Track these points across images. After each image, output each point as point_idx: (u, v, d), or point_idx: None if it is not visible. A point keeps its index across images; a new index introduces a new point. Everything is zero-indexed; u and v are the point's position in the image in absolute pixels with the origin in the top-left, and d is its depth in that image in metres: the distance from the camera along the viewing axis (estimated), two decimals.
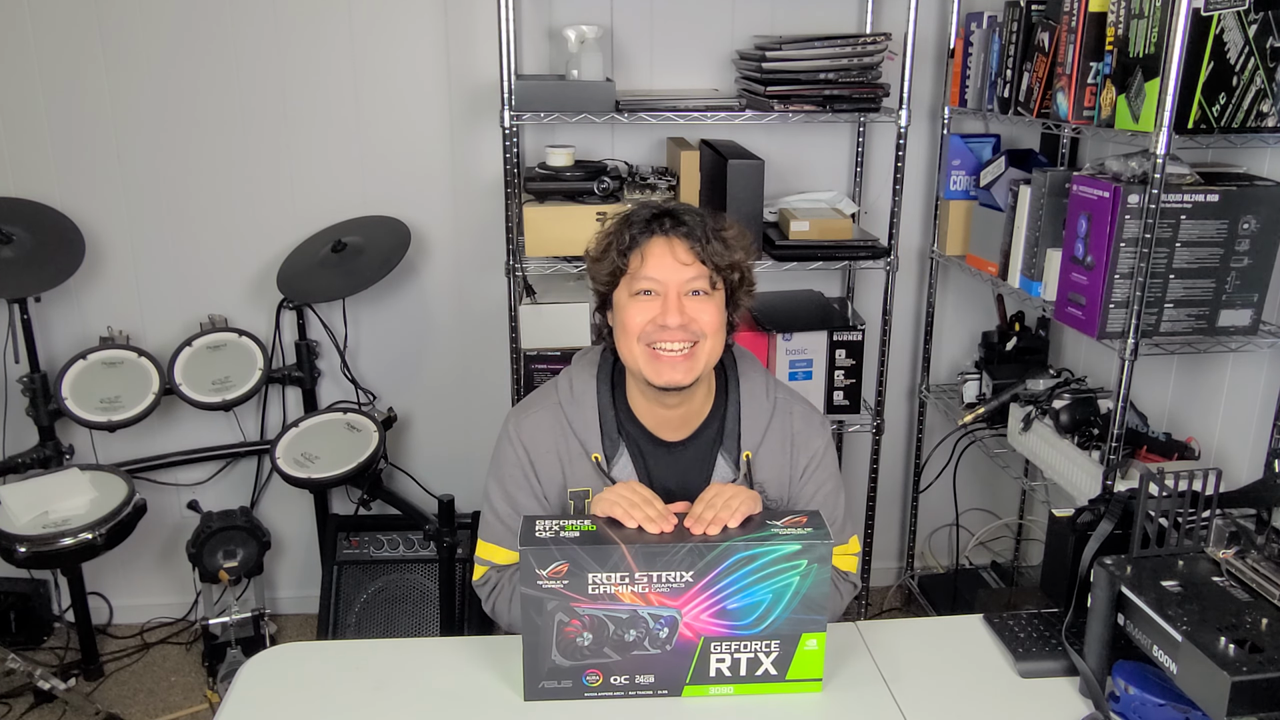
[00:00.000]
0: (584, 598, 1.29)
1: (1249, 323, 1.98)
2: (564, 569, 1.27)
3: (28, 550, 2.22)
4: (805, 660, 1.34)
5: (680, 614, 1.30)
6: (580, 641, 1.31)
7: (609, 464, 1.48)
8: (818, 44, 2.36)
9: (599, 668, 1.33)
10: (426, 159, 2.69)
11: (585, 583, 1.28)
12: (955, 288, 2.90)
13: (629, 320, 1.41)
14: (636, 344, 1.41)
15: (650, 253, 1.41)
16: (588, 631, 1.30)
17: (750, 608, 1.30)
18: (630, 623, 1.30)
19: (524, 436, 1.51)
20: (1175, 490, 1.36)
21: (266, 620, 2.67)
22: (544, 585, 1.28)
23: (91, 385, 2.52)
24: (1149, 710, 1.28)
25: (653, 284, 1.41)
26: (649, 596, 1.29)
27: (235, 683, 1.42)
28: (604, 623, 1.30)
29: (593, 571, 1.28)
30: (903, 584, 3.10)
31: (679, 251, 1.40)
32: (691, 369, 1.41)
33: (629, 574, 1.28)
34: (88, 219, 2.63)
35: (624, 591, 1.29)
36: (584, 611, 1.29)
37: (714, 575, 1.28)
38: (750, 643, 1.32)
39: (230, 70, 2.59)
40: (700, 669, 1.34)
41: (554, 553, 1.27)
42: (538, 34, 2.61)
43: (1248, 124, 1.85)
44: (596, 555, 1.27)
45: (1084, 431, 2.18)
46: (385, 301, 2.78)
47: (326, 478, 2.43)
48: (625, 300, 1.43)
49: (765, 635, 1.32)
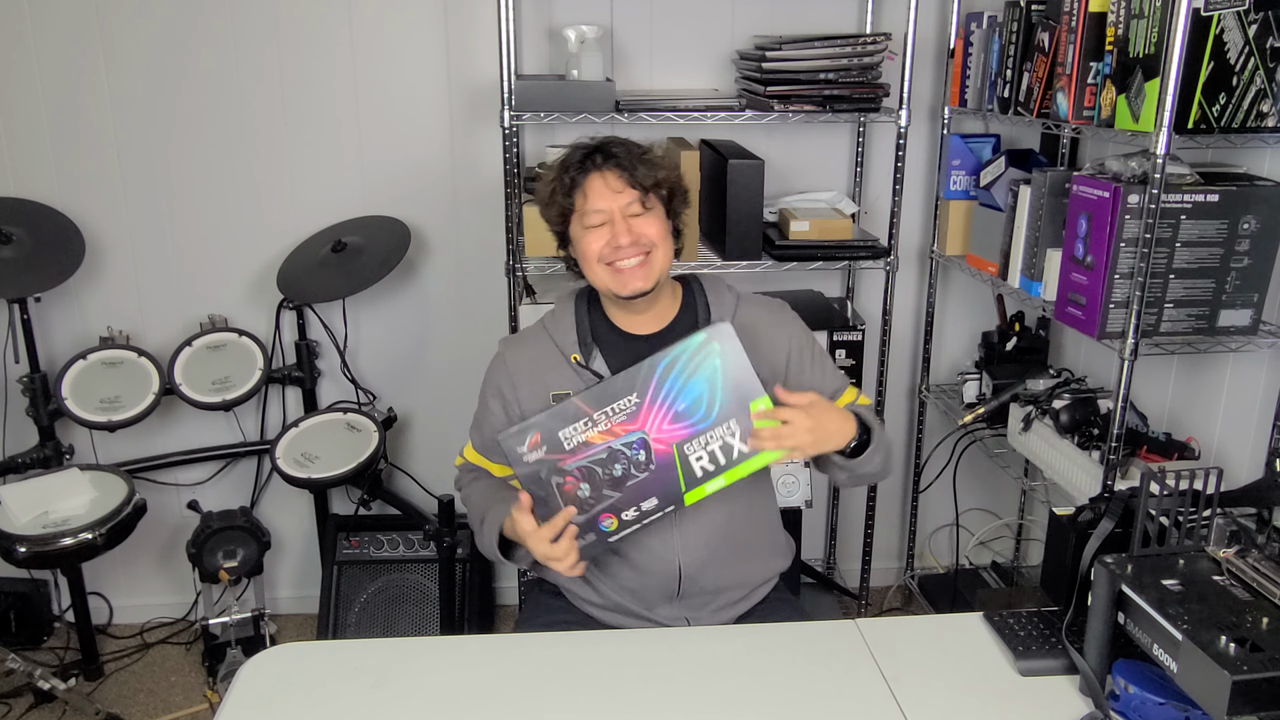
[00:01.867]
0: (564, 454, 1.47)
1: (1249, 323, 1.98)
2: (538, 438, 1.46)
3: (28, 550, 2.22)
4: (762, 422, 1.47)
5: (646, 433, 1.48)
6: (581, 494, 1.48)
7: (587, 360, 1.65)
8: (818, 44, 2.37)
9: (608, 510, 1.50)
10: (426, 159, 2.69)
11: (559, 441, 1.47)
12: (955, 288, 2.90)
13: (587, 250, 1.61)
14: (599, 266, 1.60)
15: (590, 189, 1.60)
16: (583, 483, 1.48)
17: (696, 402, 1.47)
18: (612, 459, 1.48)
19: (507, 353, 1.71)
20: (1176, 489, 1.36)
21: (266, 620, 2.66)
22: (530, 458, 1.47)
23: (91, 385, 2.52)
24: (1149, 709, 1.28)
25: (599, 215, 1.59)
26: (614, 430, 1.47)
27: (235, 683, 1.42)
28: (591, 469, 1.48)
29: (560, 429, 1.46)
30: (903, 584, 3.10)
31: (613, 182, 1.59)
32: (649, 274, 1.60)
33: (588, 418, 1.46)
34: (88, 219, 2.63)
35: (593, 434, 1.47)
36: (571, 467, 1.47)
37: (653, 388, 1.47)
38: (713, 431, 1.48)
39: (230, 70, 2.59)
40: (688, 474, 1.49)
41: (526, 431, 1.46)
42: (538, 34, 2.61)
43: (1248, 124, 1.85)
44: (557, 415, 1.47)
45: (1084, 431, 2.18)
46: (385, 301, 2.79)
47: (326, 478, 2.43)
48: (580, 233, 1.62)
49: (720, 420, 1.48)
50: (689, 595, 1.66)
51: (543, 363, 1.67)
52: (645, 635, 1.54)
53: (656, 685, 1.39)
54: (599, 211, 1.58)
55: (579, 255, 1.64)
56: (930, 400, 2.88)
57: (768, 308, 1.74)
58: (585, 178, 1.60)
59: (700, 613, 1.68)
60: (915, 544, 3.05)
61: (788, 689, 1.38)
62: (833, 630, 1.53)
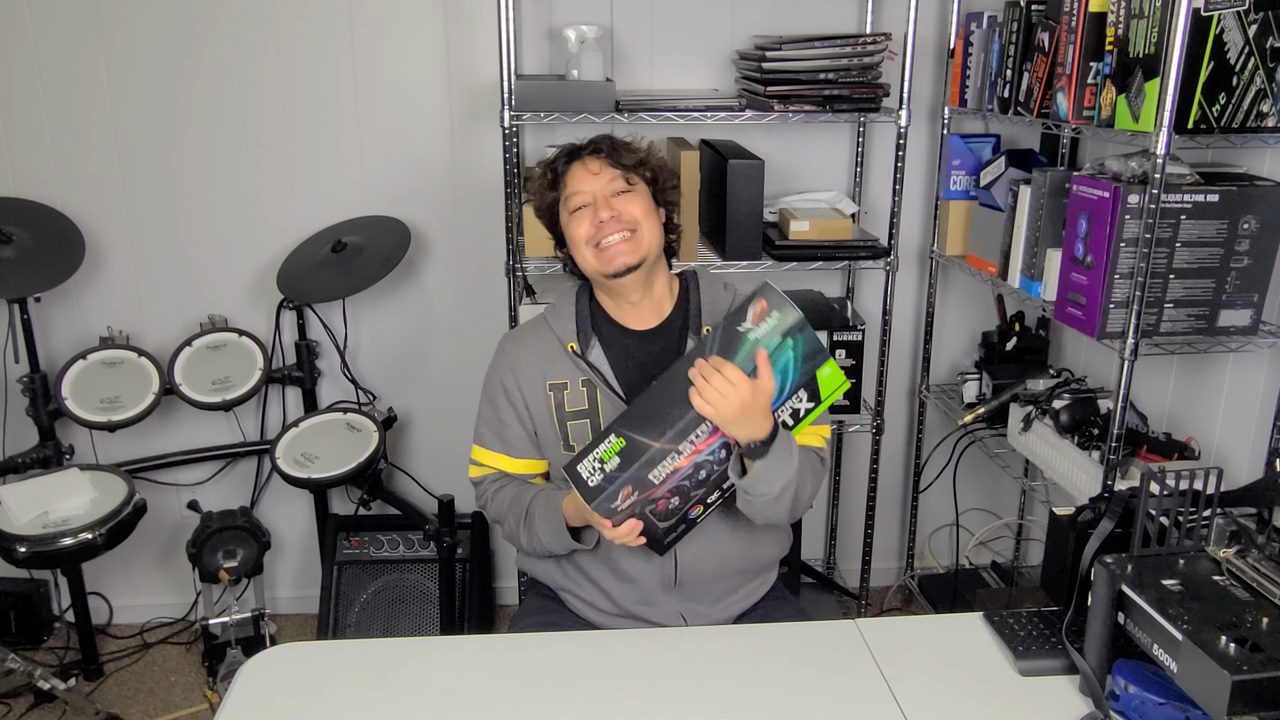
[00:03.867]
0: (655, 487, 1.46)
1: (1249, 323, 1.98)
2: (630, 490, 1.44)
3: (28, 550, 2.22)
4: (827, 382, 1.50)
5: (725, 438, 1.47)
6: (672, 506, 1.49)
7: (584, 351, 1.67)
8: (818, 44, 2.37)
9: (697, 503, 1.52)
10: (426, 159, 2.69)
11: (649, 483, 1.45)
12: (955, 288, 2.90)
13: (574, 232, 1.64)
14: (586, 248, 1.63)
15: (572, 176, 1.66)
16: (674, 498, 1.49)
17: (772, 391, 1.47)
18: (697, 469, 1.48)
19: (508, 346, 1.73)
20: (1176, 489, 1.36)
21: (266, 620, 2.66)
22: (623, 506, 1.45)
23: (91, 385, 2.52)
24: (1149, 709, 1.28)
25: (581, 197, 1.63)
26: (699, 448, 1.46)
27: (235, 683, 1.42)
28: (680, 486, 1.48)
29: (648, 473, 1.44)
30: (903, 584, 3.10)
31: (592, 165, 1.64)
32: (635, 249, 1.61)
33: (674, 454, 1.45)
34: (88, 219, 2.63)
35: (679, 461, 1.46)
36: (662, 494, 1.47)
37: None
38: (785, 405, 1.50)
39: (230, 70, 2.59)
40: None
41: (615, 489, 1.44)
42: (538, 34, 2.61)
43: (1248, 124, 1.85)
44: (645, 465, 1.43)
45: (1084, 431, 2.18)
46: (385, 301, 2.79)
47: (326, 478, 2.43)
48: (568, 220, 1.66)
49: (791, 393, 1.49)
50: (687, 584, 1.66)
51: (541, 352, 1.69)
52: (645, 635, 1.54)
53: (656, 685, 1.39)
54: (580, 194, 1.63)
55: (569, 242, 1.67)
56: (930, 400, 2.88)
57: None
58: (569, 167, 1.67)
59: (698, 605, 1.68)
60: (915, 544, 3.05)
61: (788, 689, 1.38)
62: (833, 630, 1.52)
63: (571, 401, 1.66)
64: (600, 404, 1.65)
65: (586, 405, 1.66)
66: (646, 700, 1.35)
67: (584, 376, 1.66)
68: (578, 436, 1.66)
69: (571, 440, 1.67)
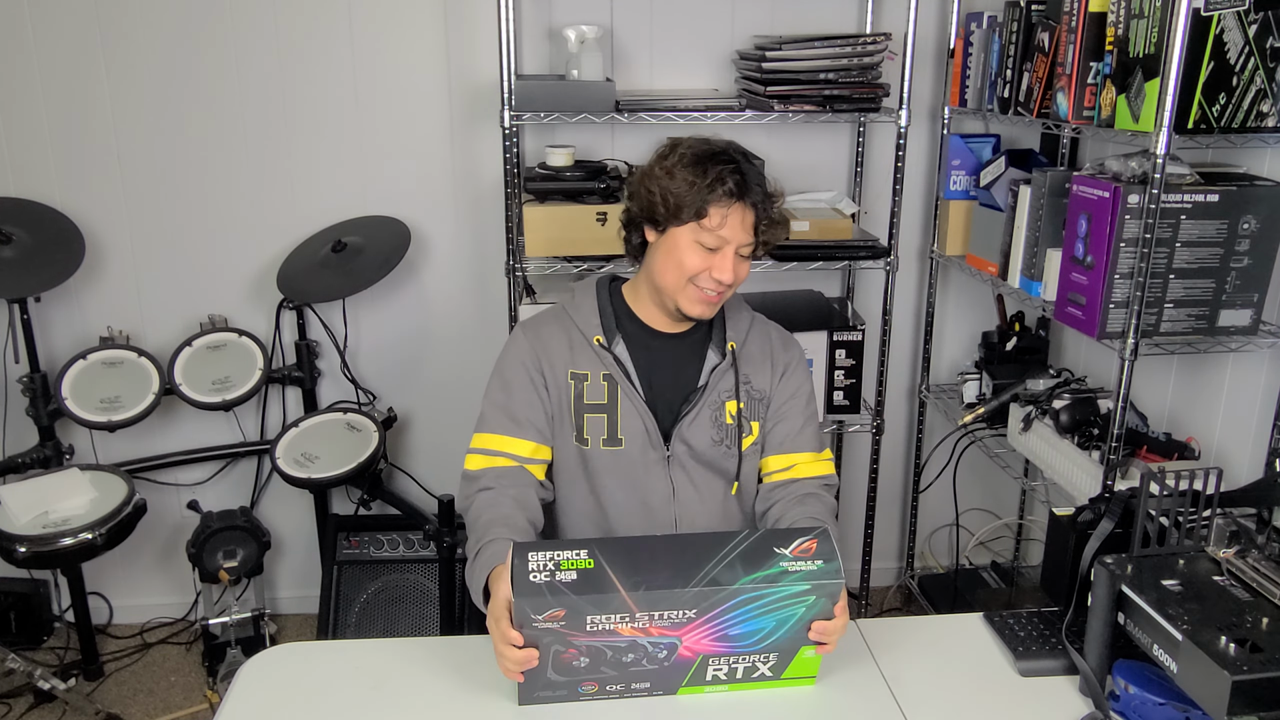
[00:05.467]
0: (581, 634, 1.25)
1: (1249, 323, 1.98)
2: (560, 614, 1.22)
3: (28, 550, 2.22)
4: (802, 664, 1.36)
5: (680, 640, 1.29)
6: (577, 664, 1.30)
7: (610, 344, 1.64)
8: (818, 44, 2.37)
9: (595, 681, 1.33)
10: (426, 159, 2.69)
11: (583, 623, 1.24)
12: (955, 288, 2.90)
13: (687, 261, 1.57)
14: (683, 278, 1.58)
15: (730, 219, 1.55)
16: (583, 657, 1.29)
17: (753, 633, 1.30)
18: (629, 649, 1.29)
19: (528, 333, 1.68)
20: (1176, 489, 1.36)
21: (266, 620, 2.67)
22: (539, 626, 1.23)
23: (91, 385, 2.52)
24: (1149, 709, 1.28)
25: (719, 240, 1.56)
26: (649, 630, 1.26)
27: (235, 683, 1.42)
28: (601, 651, 1.28)
29: (591, 614, 1.23)
30: (903, 584, 3.10)
31: (749, 222, 1.57)
32: (716, 307, 1.64)
33: (629, 614, 1.24)
34: (88, 219, 2.63)
35: (625, 628, 1.25)
36: (580, 644, 1.27)
37: (717, 613, 1.26)
38: (749, 655, 1.33)
39: (230, 70, 2.59)
40: (697, 676, 1.34)
41: (549, 601, 1.22)
42: (538, 34, 2.61)
43: (1248, 124, 1.85)
44: (596, 602, 1.22)
45: (1084, 431, 2.18)
46: (385, 301, 2.78)
47: (326, 478, 2.43)
48: (687, 241, 1.57)
49: (765, 650, 1.33)
50: None
51: (564, 341, 1.66)
52: None
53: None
54: (723, 239, 1.56)
55: (668, 256, 1.59)
56: (930, 400, 2.88)
57: (782, 337, 1.75)
58: (732, 204, 1.55)
59: None
60: (915, 544, 3.05)
61: (787, 688, 1.38)
62: None
63: (591, 394, 1.64)
64: (620, 400, 1.63)
65: (606, 400, 1.64)
66: (646, 700, 1.35)
67: (605, 371, 1.64)
68: (593, 430, 1.63)
69: (585, 433, 1.63)
